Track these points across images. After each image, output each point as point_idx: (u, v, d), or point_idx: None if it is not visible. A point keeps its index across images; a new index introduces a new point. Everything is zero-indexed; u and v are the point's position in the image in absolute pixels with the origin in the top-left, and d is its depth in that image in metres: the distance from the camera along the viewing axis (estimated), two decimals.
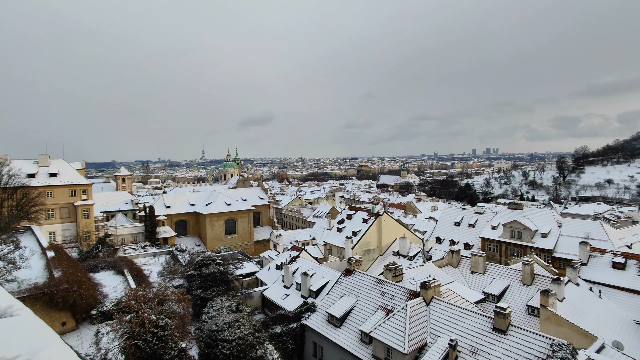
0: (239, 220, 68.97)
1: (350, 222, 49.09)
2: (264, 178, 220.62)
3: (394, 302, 23.81)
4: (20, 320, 1.01)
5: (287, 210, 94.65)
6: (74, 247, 54.77)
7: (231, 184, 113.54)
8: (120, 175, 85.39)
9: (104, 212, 67.35)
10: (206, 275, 28.22)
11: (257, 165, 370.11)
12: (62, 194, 59.61)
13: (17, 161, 58.83)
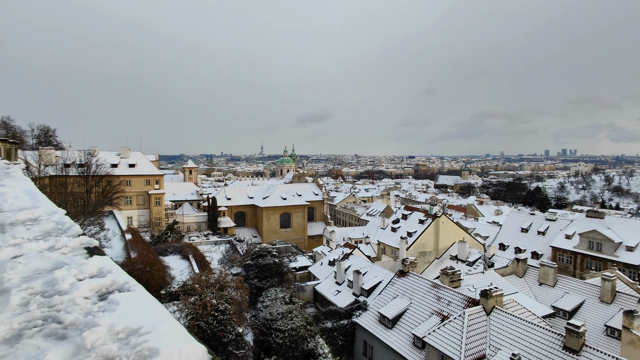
0: (293, 215, 70.75)
1: (406, 223, 47.82)
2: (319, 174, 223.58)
3: (451, 308, 22.77)
4: (136, 295, 1.12)
5: (341, 207, 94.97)
6: (147, 232, 60.44)
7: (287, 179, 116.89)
8: (187, 168, 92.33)
9: (173, 201, 73.29)
10: (262, 266, 29.40)
11: (313, 162, 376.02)
12: (139, 183, 65.91)
13: (103, 152, 66.17)
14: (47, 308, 1.06)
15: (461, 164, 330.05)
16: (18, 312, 1.04)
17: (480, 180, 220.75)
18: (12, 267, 1.31)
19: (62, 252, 1.48)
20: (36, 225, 1.82)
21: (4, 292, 1.14)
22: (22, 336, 0.93)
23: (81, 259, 1.43)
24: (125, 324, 0.96)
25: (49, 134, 67.71)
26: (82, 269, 1.31)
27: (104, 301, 1.11)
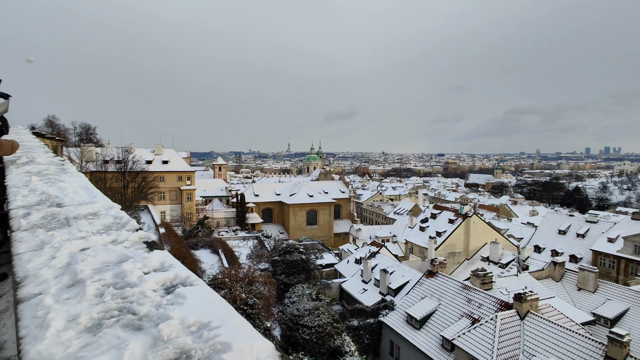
0: (320, 212, 71.02)
1: (435, 222, 46.77)
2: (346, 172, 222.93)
3: (482, 311, 22.08)
4: (200, 290, 1.16)
5: (368, 205, 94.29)
6: (179, 226, 62.68)
7: (314, 176, 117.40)
8: (217, 165, 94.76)
9: (203, 196, 75.50)
10: (289, 262, 29.75)
11: (339, 159, 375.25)
12: (172, 179, 68.41)
13: (139, 149, 69.10)
14: (121, 299, 1.11)
15: (493, 162, 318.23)
16: (95, 302, 1.10)
17: (514, 179, 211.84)
18: (82, 259, 1.39)
19: (124, 246, 1.55)
20: (97, 219, 1.93)
21: (80, 283, 1.21)
22: (102, 326, 0.99)
23: (143, 252, 1.49)
24: (196, 318, 0.99)
25: (90, 132, 71.54)
26: (146, 262, 1.37)
27: (171, 294, 1.16)
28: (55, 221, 1.91)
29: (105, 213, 2.07)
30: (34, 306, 1.09)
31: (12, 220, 1.94)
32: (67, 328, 0.97)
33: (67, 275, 1.28)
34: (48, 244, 1.56)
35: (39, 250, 1.52)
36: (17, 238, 1.67)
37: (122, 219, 1.99)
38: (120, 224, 1.93)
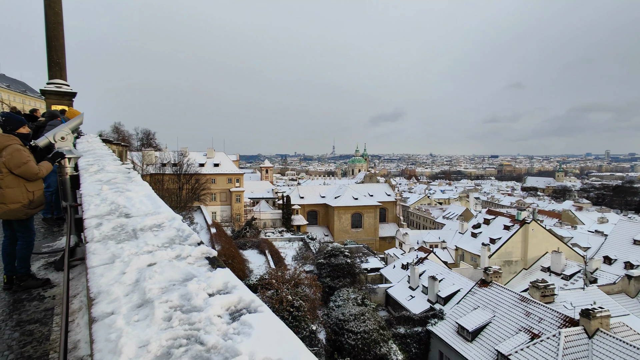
0: (365, 215, 70.25)
1: (488, 228, 44.16)
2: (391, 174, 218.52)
3: (542, 326, 20.37)
4: (266, 318, 1.11)
5: (415, 208, 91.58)
6: (228, 226, 65.36)
7: (358, 178, 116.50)
8: (264, 167, 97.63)
9: (251, 198, 78.05)
10: (334, 265, 29.67)
11: (385, 161, 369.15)
12: (222, 181, 71.54)
13: (193, 153, 73.13)
14: (188, 325, 1.08)
15: (555, 164, 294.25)
16: (163, 327, 1.08)
17: (578, 182, 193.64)
18: (150, 276, 1.40)
19: (188, 262, 1.55)
20: (161, 231, 1.97)
21: (148, 303, 1.21)
22: (171, 356, 0.95)
23: (206, 270, 1.48)
24: (265, 354, 0.93)
25: (150, 137, 77.20)
26: (210, 282, 1.34)
27: (237, 322, 1.11)
28: (124, 233, 1.99)
29: (168, 225, 2.12)
30: (107, 327, 1.10)
31: (87, 231, 2.05)
32: (138, 356, 0.95)
33: (137, 294, 1.29)
34: (118, 258, 1.60)
35: (110, 264, 1.56)
36: (90, 250, 1.75)
37: (184, 232, 2.02)
38: (182, 236, 1.95)
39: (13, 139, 3.40)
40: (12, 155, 3.25)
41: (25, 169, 3.26)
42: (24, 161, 3.25)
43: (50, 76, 11.90)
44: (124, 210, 2.41)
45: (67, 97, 11.71)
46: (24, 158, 3.26)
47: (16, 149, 3.29)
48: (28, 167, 3.26)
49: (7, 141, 3.34)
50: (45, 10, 11.53)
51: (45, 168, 3.34)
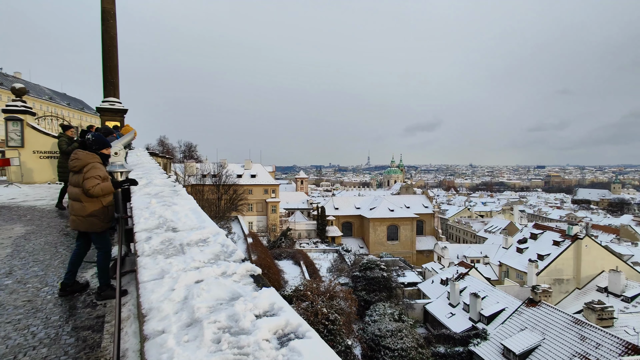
0: (401, 227, 68.60)
1: (535, 243, 41.41)
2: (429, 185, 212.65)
3: (600, 352, 18.58)
4: (315, 345, 1.06)
5: (454, 221, 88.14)
6: (264, 236, 66.43)
7: (394, 190, 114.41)
8: (299, 178, 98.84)
9: (286, 209, 79.02)
10: (370, 279, 29.08)
11: (422, 172, 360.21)
12: (259, 192, 73.12)
13: (231, 164, 75.62)
14: (237, 349, 1.06)
15: (610, 175, 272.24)
16: (212, 349, 1.07)
17: (638, 195, 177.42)
18: (198, 293, 1.40)
19: (234, 280, 1.55)
20: (206, 246, 1.99)
21: (197, 323, 1.20)
22: None
23: (252, 289, 1.46)
24: None
25: (192, 149, 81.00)
26: (256, 302, 1.32)
27: (285, 348, 1.07)
28: (172, 247, 2.04)
29: (213, 240, 2.15)
30: (158, 347, 1.11)
31: (137, 244, 2.13)
32: None
33: (186, 312, 1.29)
34: (167, 274, 1.64)
35: (160, 279, 1.60)
36: (141, 264, 1.80)
37: (228, 247, 2.04)
38: (227, 252, 1.97)
39: (95, 157, 3.75)
40: (87, 170, 3.56)
41: (85, 183, 3.51)
42: (88, 177, 3.51)
43: (105, 94, 12.87)
44: (171, 224, 2.49)
45: (119, 114, 12.58)
46: (89, 174, 3.51)
47: (93, 166, 3.59)
48: (85, 183, 3.50)
49: (90, 159, 3.68)
50: (102, 35, 12.57)
51: (100, 187, 3.56)
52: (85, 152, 3.78)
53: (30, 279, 4.35)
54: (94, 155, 3.78)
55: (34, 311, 3.57)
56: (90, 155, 3.76)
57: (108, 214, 3.72)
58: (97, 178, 3.55)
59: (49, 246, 5.67)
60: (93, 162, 3.67)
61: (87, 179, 3.51)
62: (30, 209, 8.54)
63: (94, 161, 3.71)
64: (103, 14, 12.38)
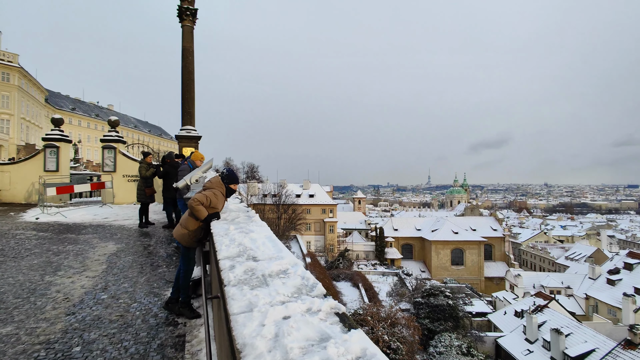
0: (466, 251, 64.20)
1: (631, 275, 35.93)
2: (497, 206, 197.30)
3: None
4: None
5: (528, 246, 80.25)
6: (322, 256, 66.52)
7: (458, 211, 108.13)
8: (357, 198, 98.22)
9: (344, 229, 78.64)
10: (434, 306, 27.40)
11: (488, 192, 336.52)
12: (317, 211, 73.98)
13: (290, 184, 77.82)
14: None
15: None
16: None
17: None
18: (288, 332, 1.41)
19: (320, 318, 1.54)
20: (287, 278, 2.02)
21: None
22: None
23: (340, 330, 1.44)
24: None
25: (254, 170, 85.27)
26: (348, 347, 1.29)
27: None
28: (255, 278, 2.10)
29: (293, 272, 2.19)
30: None
31: (222, 273, 2.24)
32: None
33: (279, 352, 1.30)
34: (255, 307, 1.68)
35: (249, 312, 1.64)
36: (229, 294, 1.88)
37: (308, 280, 2.05)
38: (308, 286, 1.98)
39: (222, 186, 4.21)
40: (205, 189, 3.99)
41: (195, 196, 3.89)
42: (196, 196, 3.88)
43: (182, 123, 14.20)
44: (251, 253, 2.59)
45: (194, 141, 13.76)
46: (201, 197, 3.89)
47: (213, 191, 4.05)
48: (199, 195, 3.89)
49: (217, 186, 4.18)
50: (182, 71, 14.01)
51: (199, 209, 3.91)
52: (219, 180, 4.22)
53: (122, 294, 4.81)
54: (222, 184, 4.21)
55: (126, 326, 3.92)
56: (219, 183, 4.21)
57: (198, 234, 4.05)
58: (204, 198, 3.92)
59: (136, 264, 6.25)
60: (216, 189, 4.09)
61: (199, 194, 3.92)
62: (119, 228, 9.56)
63: (218, 189, 4.12)
64: (183, 52, 13.84)
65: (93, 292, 4.87)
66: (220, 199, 4.16)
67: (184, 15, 13.70)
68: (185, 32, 13.87)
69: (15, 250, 6.97)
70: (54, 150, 13.54)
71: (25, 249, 7.05)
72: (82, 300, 4.57)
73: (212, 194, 4.04)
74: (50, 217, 10.69)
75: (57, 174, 13.42)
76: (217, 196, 4.07)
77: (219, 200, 4.13)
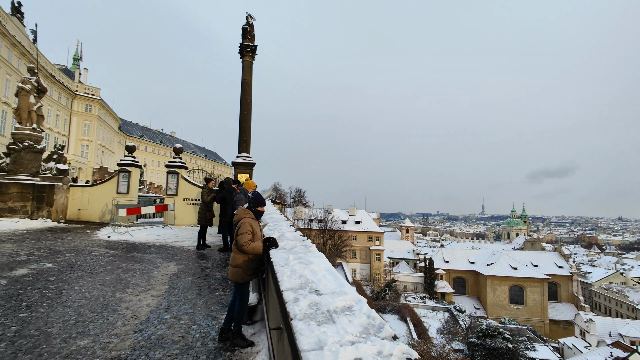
0: (527, 290, 58.70)
1: None
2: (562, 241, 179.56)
3: None
4: None
5: (600, 287, 71.53)
6: (367, 285, 64.54)
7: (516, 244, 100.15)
8: (404, 226, 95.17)
9: (391, 258, 76.12)
10: (491, 348, 25.12)
11: (551, 225, 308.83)
12: (363, 238, 72.68)
13: (336, 210, 77.68)
14: None
15: None
16: None
17: None
18: None
19: None
20: (353, 316, 2.01)
21: None
22: None
23: None
24: None
25: (300, 195, 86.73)
26: None
27: None
28: (320, 313, 2.12)
29: (358, 309, 2.17)
30: None
31: (287, 305, 2.28)
32: None
33: None
34: (325, 345, 1.69)
35: (319, 350, 1.65)
36: (296, 329, 1.91)
37: (375, 320, 2.02)
38: (375, 326, 1.95)
39: (248, 213, 4.35)
40: (239, 227, 4.12)
41: (237, 239, 4.02)
42: (241, 232, 4.03)
43: (239, 150, 15.03)
44: (313, 286, 2.62)
45: (249, 167, 14.47)
46: (242, 229, 4.04)
47: (243, 222, 4.16)
48: (240, 237, 4.01)
49: (244, 214, 4.30)
50: (241, 102, 15.00)
51: (252, 247, 4.00)
52: (242, 208, 4.39)
53: (183, 315, 5.04)
54: (247, 211, 4.34)
55: (187, 348, 4.08)
56: (245, 211, 4.34)
57: (251, 266, 4.14)
58: (248, 233, 4.05)
59: (195, 286, 6.55)
60: (245, 218, 4.22)
61: (241, 235, 4.02)
62: (179, 249, 10.15)
63: (247, 216, 4.26)
64: (243, 84, 14.87)
65: (157, 311, 5.17)
66: (255, 224, 4.27)
67: (245, 51, 14.80)
68: (245, 66, 14.94)
69: (91, 266, 7.66)
70: (126, 174, 14.94)
71: (99, 265, 7.73)
72: (147, 318, 4.87)
73: (247, 225, 4.14)
74: (119, 236, 11.66)
75: (127, 196, 14.72)
76: (251, 224, 4.19)
77: (254, 226, 4.24)
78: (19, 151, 14.27)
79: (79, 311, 5.02)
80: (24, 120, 14.72)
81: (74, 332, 4.32)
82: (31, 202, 13.68)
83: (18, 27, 39.63)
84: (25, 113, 14.71)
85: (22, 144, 14.37)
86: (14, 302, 5.23)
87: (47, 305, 5.20)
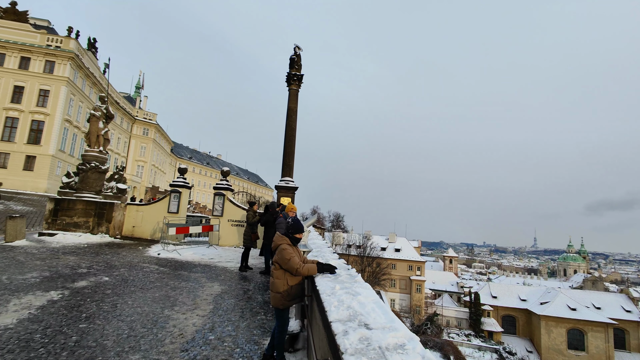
0: (589, 335, 52.72)
1: None
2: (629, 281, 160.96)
3: None
4: None
5: None
6: (407, 317, 61.48)
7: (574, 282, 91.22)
8: (448, 256, 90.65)
9: (432, 289, 72.37)
10: None
11: (615, 262, 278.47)
12: (403, 267, 70.14)
13: (375, 236, 76.02)
14: None
15: None
16: None
17: None
18: None
19: None
20: (406, 356, 1.94)
21: None
22: None
23: None
24: None
25: (339, 219, 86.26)
26: None
27: None
28: (372, 349, 2.06)
29: (411, 348, 2.09)
30: None
31: (337, 338, 2.25)
32: None
33: None
34: None
35: None
36: None
37: None
38: None
39: (285, 239, 4.41)
40: (281, 253, 4.18)
41: (288, 266, 4.08)
42: (287, 258, 4.09)
43: (282, 174, 15.43)
44: (362, 319, 2.56)
45: (292, 191, 14.77)
46: (288, 255, 4.10)
47: (283, 248, 4.22)
48: (291, 263, 4.07)
49: (280, 241, 4.36)
50: (286, 128, 15.54)
51: (307, 269, 4.05)
52: (279, 235, 4.47)
53: (226, 337, 5.12)
54: (283, 237, 4.41)
55: None
56: (281, 237, 4.42)
57: (291, 292, 4.15)
58: (295, 257, 4.12)
59: (237, 308, 6.65)
60: (283, 244, 4.28)
61: (289, 260, 4.08)
62: (223, 269, 10.42)
63: (283, 242, 4.32)
64: (288, 111, 15.46)
65: (202, 330, 5.29)
66: (294, 249, 4.32)
67: (292, 80, 15.46)
68: (291, 94, 15.56)
69: (142, 282, 8.08)
70: (177, 194, 15.83)
71: (149, 281, 8.13)
72: (193, 338, 4.99)
73: (289, 250, 4.20)
74: (168, 254, 12.24)
75: (177, 215, 15.52)
76: (291, 251, 4.23)
77: (295, 251, 4.29)
78: (86, 171, 15.71)
79: (131, 326, 5.27)
80: (93, 144, 16.28)
81: (126, 346, 4.53)
82: (93, 218, 14.87)
83: (92, 60, 44.66)
84: (94, 137, 16.29)
85: (89, 164, 15.83)
86: (75, 313, 5.61)
87: (103, 317, 5.53)
